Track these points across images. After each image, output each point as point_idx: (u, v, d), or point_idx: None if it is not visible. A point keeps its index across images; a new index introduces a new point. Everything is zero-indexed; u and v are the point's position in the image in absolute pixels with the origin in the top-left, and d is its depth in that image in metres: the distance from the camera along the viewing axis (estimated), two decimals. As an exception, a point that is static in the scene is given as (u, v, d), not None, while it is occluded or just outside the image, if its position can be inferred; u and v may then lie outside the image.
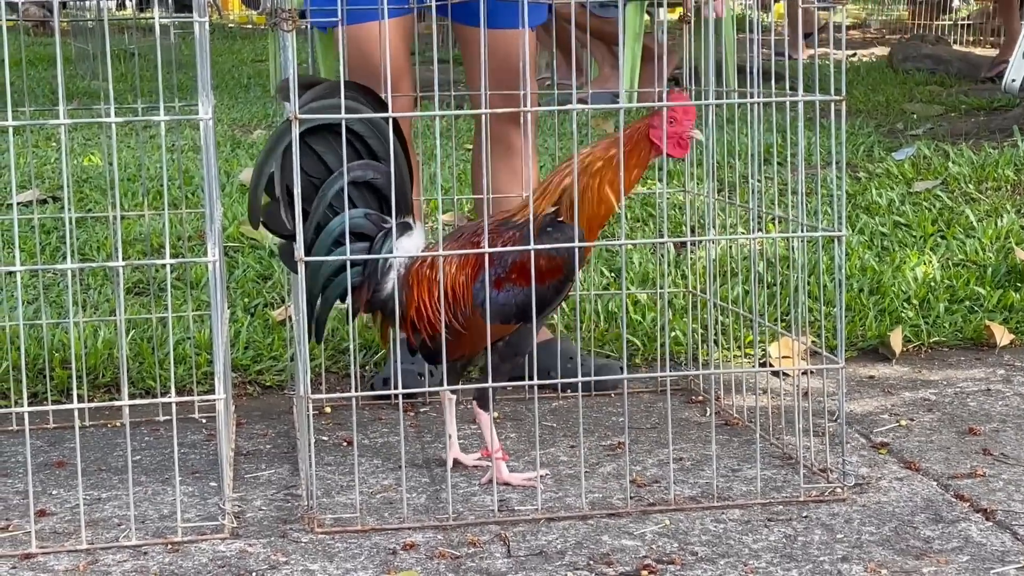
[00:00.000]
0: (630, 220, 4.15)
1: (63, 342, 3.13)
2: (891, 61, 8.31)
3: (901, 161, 4.90)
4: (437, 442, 2.72)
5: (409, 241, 2.44)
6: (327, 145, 2.36)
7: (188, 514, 2.34)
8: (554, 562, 2.14)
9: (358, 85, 2.40)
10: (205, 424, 2.89)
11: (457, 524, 2.30)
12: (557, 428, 2.84)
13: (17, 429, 2.84)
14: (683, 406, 2.99)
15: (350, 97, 2.30)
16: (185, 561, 2.16)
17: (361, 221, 2.40)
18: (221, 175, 4.74)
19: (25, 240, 3.86)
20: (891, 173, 4.75)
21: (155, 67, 2.20)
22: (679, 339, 3.30)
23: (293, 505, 2.41)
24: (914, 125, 6.04)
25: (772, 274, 3.39)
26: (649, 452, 2.67)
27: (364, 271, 2.42)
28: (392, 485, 2.50)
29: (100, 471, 2.61)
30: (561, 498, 2.41)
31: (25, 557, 2.18)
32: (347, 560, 2.16)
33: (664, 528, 2.27)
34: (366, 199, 2.41)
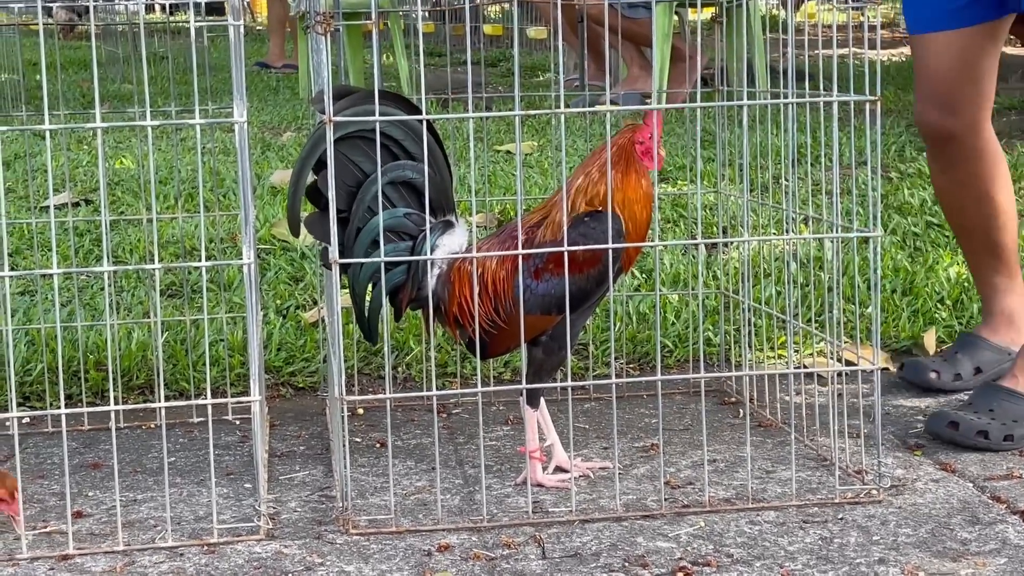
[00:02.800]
0: (660, 221, 4.14)
1: (97, 344, 3.15)
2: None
3: (933, 161, 4.87)
4: (470, 443, 2.72)
5: (452, 239, 2.44)
6: (362, 153, 2.36)
7: (223, 515, 2.35)
8: (589, 564, 2.14)
9: (390, 93, 2.41)
10: (239, 426, 2.90)
11: (491, 526, 2.30)
12: (589, 429, 2.84)
13: (53, 431, 2.86)
14: (716, 407, 2.98)
15: (383, 103, 2.31)
16: (221, 562, 2.17)
17: (402, 220, 2.41)
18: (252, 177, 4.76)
19: (59, 243, 3.88)
20: (923, 173, 4.72)
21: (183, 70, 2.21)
22: (711, 340, 3.29)
23: (328, 506, 2.41)
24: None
25: (804, 275, 3.38)
26: (682, 453, 2.66)
27: (408, 270, 2.42)
28: (426, 486, 2.50)
29: (135, 472, 2.63)
30: (595, 500, 2.41)
31: (63, 558, 2.19)
32: (382, 561, 2.16)
33: (699, 530, 2.26)
34: (407, 199, 2.42)
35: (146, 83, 2.15)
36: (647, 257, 3.83)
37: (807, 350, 3.23)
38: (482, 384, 2.95)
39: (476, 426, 2.79)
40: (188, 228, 4.06)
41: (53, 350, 3.07)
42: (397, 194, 2.41)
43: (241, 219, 2.28)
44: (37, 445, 2.80)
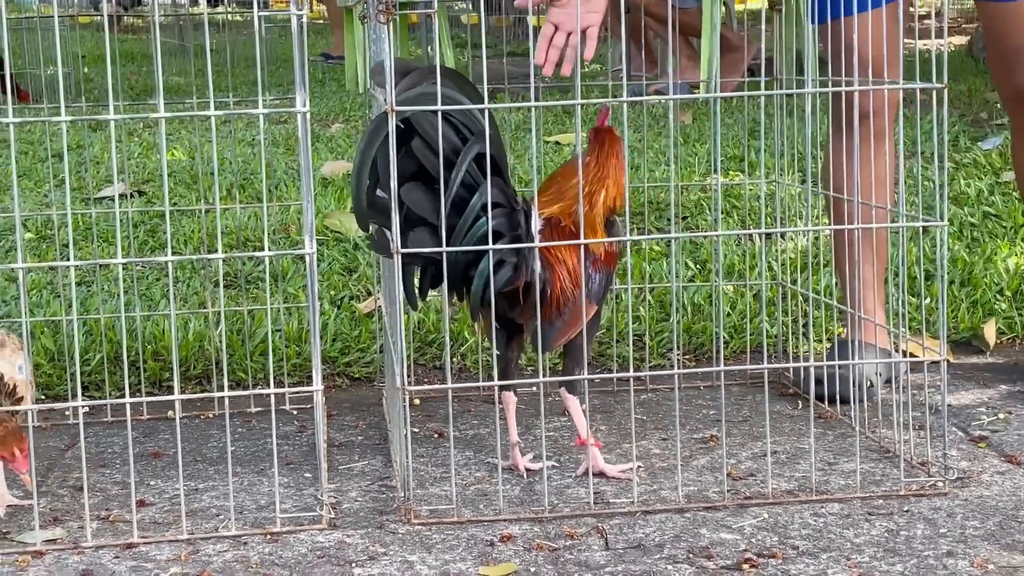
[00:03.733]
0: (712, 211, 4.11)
1: (155, 334, 3.17)
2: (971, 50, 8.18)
3: (989, 151, 4.82)
4: (528, 434, 2.71)
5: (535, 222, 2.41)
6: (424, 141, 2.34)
7: (285, 504, 2.35)
8: (653, 555, 2.13)
9: (450, 70, 2.37)
10: (296, 416, 2.91)
11: (553, 516, 2.29)
12: (647, 421, 2.82)
13: (113, 420, 2.87)
14: (774, 399, 2.96)
15: (443, 84, 2.28)
16: (285, 551, 2.17)
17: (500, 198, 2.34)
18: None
19: (113, 233, 3.91)
20: (978, 163, 4.67)
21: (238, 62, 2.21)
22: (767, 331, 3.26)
23: (388, 496, 2.41)
24: (999, 114, 5.94)
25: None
26: (742, 445, 2.64)
27: (517, 253, 2.35)
28: (485, 476, 2.50)
29: (196, 462, 2.64)
30: (656, 491, 2.40)
31: (127, 547, 2.20)
32: (445, 552, 2.16)
33: (763, 522, 2.25)
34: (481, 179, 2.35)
35: (209, 73, 2.16)
36: (700, 248, 3.81)
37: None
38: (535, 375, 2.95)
39: (532, 417, 2.79)
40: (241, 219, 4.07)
41: (111, 340, 3.09)
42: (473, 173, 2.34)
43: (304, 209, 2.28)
44: (97, 434, 2.82)
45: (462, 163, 2.30)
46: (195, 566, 2.12)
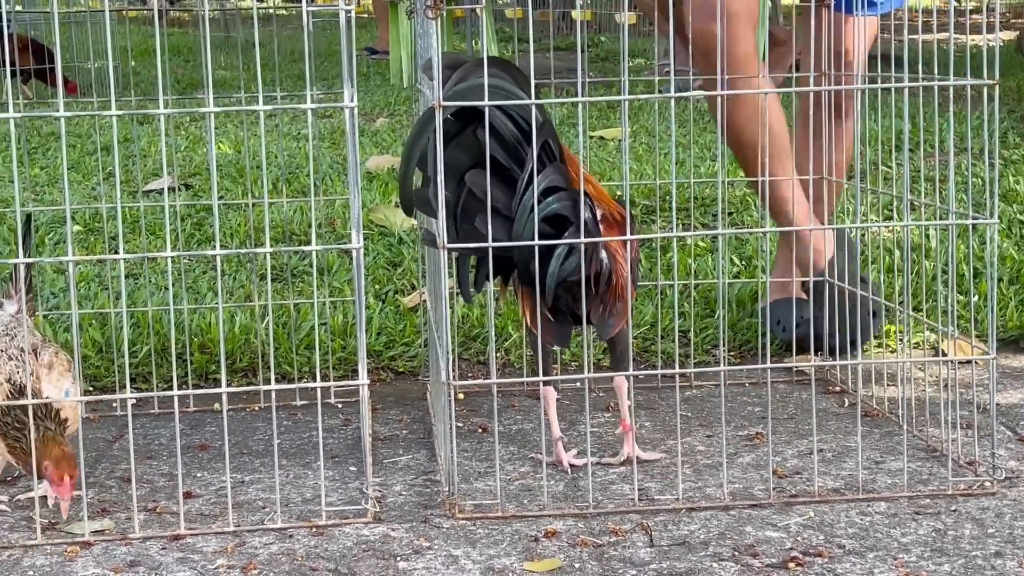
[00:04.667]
0: (758, 207, 4.09)
1: (201, 327, 3.19)
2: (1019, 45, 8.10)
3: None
4: (571, 430, 2.71)
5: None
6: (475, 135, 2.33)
7: (330, 498, 2.36)
8: (698, 552, 2.12)
9: (500, 61, 2.36)
10: (341, 409, 2.92)
11: (597, 512, 2.29)
12: (692, 417, 2.81)
13: (160, 412, 2.89)
14: (820, 396, 2.94)
15: (494, 75, 2.27)
16: (330, 544, 2.18)
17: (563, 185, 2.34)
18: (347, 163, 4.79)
19: (161, 227, 3.94)
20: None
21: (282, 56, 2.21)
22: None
23: (432, 490, 2.42)
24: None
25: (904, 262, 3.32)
26: (788, 443, 2.63)
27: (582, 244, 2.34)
28: (529, 472, 2.50)
29: (242, 454, 2.65)
30: (701, 488, 2.39)
31: (174, 538, 2.21)
32: (489, 546, 2.16)
33: (809, 520, 2.23)
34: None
35: (258, 68, 2.16)
36: (746, 244, 3.80)
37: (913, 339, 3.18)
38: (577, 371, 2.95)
39: (576, 412, 2.79)
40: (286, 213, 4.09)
41: (158, 332, 3.12)
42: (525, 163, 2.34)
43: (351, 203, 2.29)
44: (144, 426, 2.84)
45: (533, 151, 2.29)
46: (241, 558, 2.13)
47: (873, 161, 3.69)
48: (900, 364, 2.74)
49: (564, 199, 2.33)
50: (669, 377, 2.99)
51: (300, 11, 9.26)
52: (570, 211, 2.33)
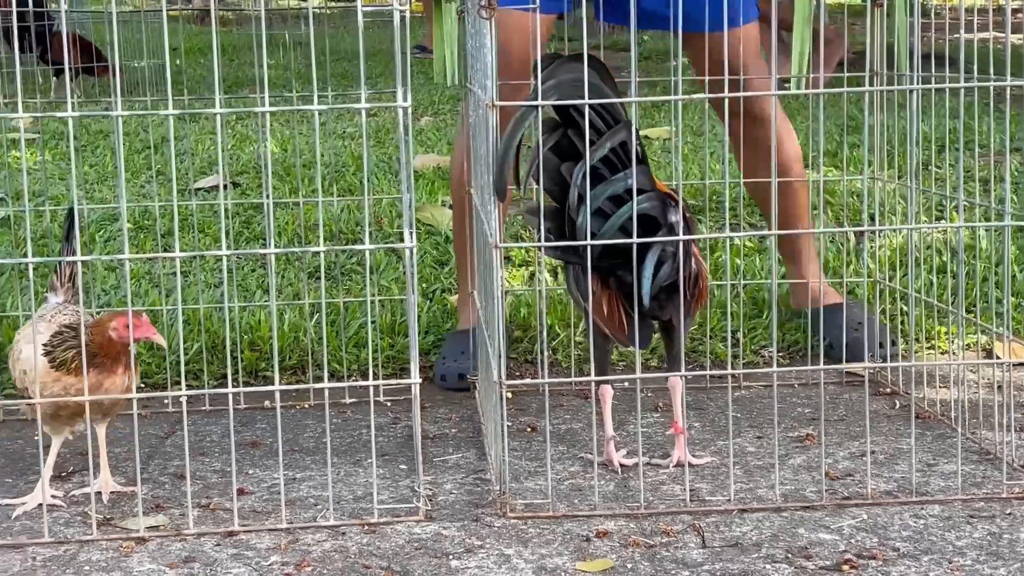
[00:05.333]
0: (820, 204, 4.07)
1: (251, 324, 3.21)
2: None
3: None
4: (620, 429, 2.70)
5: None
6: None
7: (381, 496, 2.37)
8: (751, 554, 2.11)
9: (590, 57, 2.32)
10: (390, 407, 2.93)
11: (648, 513, 2.28)
12: (741, 418, 2.80)
13: (210, 409, 2.91)
14: (871, 398, 2.92)
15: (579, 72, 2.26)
16: (382, 542, 2.19)
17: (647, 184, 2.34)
18: (393, 162, 4.80)
19: (209, 225, 3.96)
20: (1077, 160, 4.58)
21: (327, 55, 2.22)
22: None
23: (483, 489, 2.42)
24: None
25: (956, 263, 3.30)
26: (839, 444, 2.61)
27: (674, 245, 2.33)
28: (579, 471, 2.50)
29: (292, 452, 2.66)
30: (752, 489, 2.38)
31: (228, 535, 2.23)
32: (541, 546, 2.16)
33: (862, 523, 2.22)
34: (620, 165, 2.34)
35: (313, 68, 2.17)
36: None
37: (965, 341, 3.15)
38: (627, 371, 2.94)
39: (624, 412, 2.78)
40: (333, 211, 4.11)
41: (209, 330, 3.14)
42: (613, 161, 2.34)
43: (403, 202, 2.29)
44: (195, 423, 2.85)
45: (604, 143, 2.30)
46: (295, 555, 2.14)
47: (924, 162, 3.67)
48: (952, 366, 2.72)
49: (654, 199, 2.32)
50: (717, 378, 2.98)
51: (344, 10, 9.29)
52: (659, 212, 2.32)
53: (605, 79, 2.34)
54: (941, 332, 3.12)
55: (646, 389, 2.97)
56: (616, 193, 2.30)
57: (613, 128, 2.32)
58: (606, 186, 2.30)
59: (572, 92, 2.27)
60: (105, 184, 4.65)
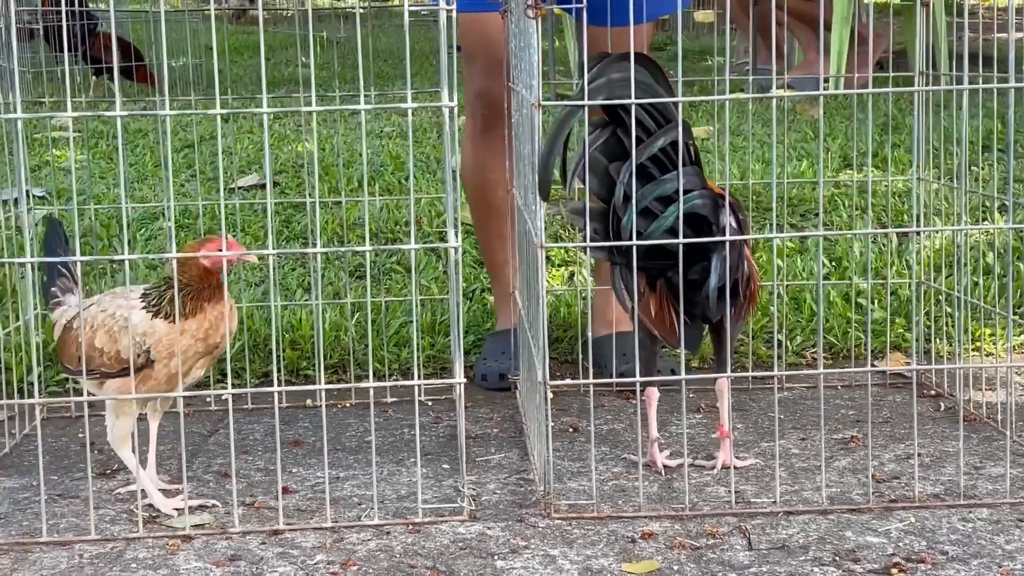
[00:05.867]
0: (847, 207, 4.06)
1: (292, 323, 3.21)
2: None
3: None
4: (663, 430, 2.69)
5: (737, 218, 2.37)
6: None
7: (425, 495, 2.36)
8: (798, 556, 2.10)
9: (641, 56, 2.30)
10: (431, 407, 2.93)
11: (693, 514, 2.27)
12: (785, 420, 2.79)
13: (253, 408, 2.92)
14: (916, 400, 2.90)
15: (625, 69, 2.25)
16: (427, 542, 2.19)
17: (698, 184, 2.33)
18: (431, 161, 4.80)
19: (249, 224, 3.98)
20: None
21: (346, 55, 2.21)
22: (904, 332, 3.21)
23: (526, 489, 2.42)
24: None
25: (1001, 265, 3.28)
26: (884, 447, 2.60)
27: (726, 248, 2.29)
28: (622, 472, 2.49)
29: (335, 450, 2.67)
30: (797, 491, 2.37)
31: (273, 533, 2.23)
32: (586, 547, 2.16)
33: (910, 526, 2.21)
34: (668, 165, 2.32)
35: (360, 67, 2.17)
36: (835, 245, 3.76)
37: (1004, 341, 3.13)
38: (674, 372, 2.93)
39: (666, 413, 2.77)
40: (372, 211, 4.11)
41: (250, 328, 3.15)
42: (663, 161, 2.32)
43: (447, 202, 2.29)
44: (238, 421, 2.86)
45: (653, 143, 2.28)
46: (340, 554, 2.15)
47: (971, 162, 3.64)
48: (998, 368, 2.70)
49: (705, 199, 2.30)
50: (759, 379, 2.97)
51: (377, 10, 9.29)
52: (710, 212, 2.30)
53: (658, 78, 2.31)
54: (987, 334, 3.09)
55: (688, 390, 2.96)
56: (665, 193, 2.28)
57: (664, 127, 2.30)
58: (655, 186, 2.29)
59: (622, 91, 2.25)
60: (145, 183, 4.67)
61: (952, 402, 2.83)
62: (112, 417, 2.32)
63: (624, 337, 2.98)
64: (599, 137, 2.34)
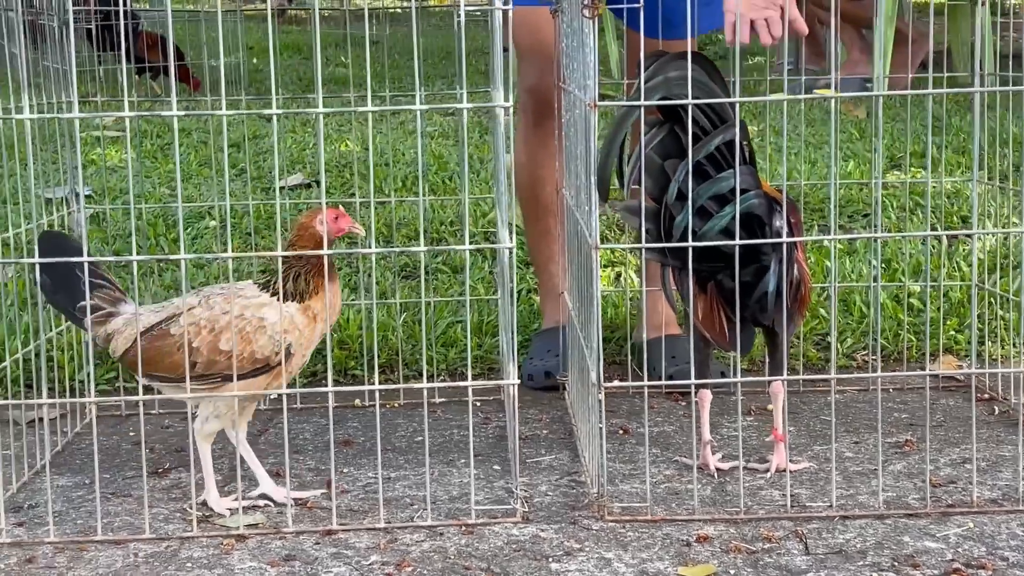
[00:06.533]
0: (895, 208, 4.02)
1: (339, 323, 3.21)
2: None
3: None
4: (714, 433, 2.67)
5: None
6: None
7: (477, 496, 2.36)
8: (856, 561, 2.08)
9: (696, 55, 2.29)
10: (480, 407, 2.92)
11: (748, 518, 2.26)
12: (837, 423, 2.76)
13: (301, 407, 2.92)
14: (967, 404, 2.87)
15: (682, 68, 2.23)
16: (481, 544, 2.18)
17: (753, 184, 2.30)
18: (474, 161, 4.80)
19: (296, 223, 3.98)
20: None
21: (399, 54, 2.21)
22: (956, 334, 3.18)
23: (578, 491, 2.41)
24: None
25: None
26: (939, 451, 2.57)
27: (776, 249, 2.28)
28: (675, 475, 2.48)
29: (385, 451, 2.66)
30: (853, 495, 2.35)
31: (327, 533, 2.23)
32: (641, 550, 2.15)
33: (968, 531, 2.18)
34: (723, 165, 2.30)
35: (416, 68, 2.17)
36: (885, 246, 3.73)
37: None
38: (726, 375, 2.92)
39: (716, 415, 2.75)
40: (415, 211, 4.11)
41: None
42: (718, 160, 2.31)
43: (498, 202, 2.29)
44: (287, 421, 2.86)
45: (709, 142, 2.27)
46: (394, 555, 2.14)
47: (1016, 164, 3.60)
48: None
49: (760, 199, 2.28)
50: (811, 381, 2.95)
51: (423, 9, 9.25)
52: (765, 212, 2.28)
53: (714, 77, 2.30)
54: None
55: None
56: (720, 192, 2.27)
57: (720, 127, 2.28)
58: (710, 184, 2.27)
59: (680, 90, 2.24)
60: (190, 182, 4.68)
61: (1006, 406, 2.80)
62: (210, 414, 2.29)
63: (673, 340, 2.97)
64: (655, 136, 2.32)
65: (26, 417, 2.72)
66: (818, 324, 3.26)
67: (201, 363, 2.23)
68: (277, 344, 2.22)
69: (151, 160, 5.05)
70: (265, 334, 2.22)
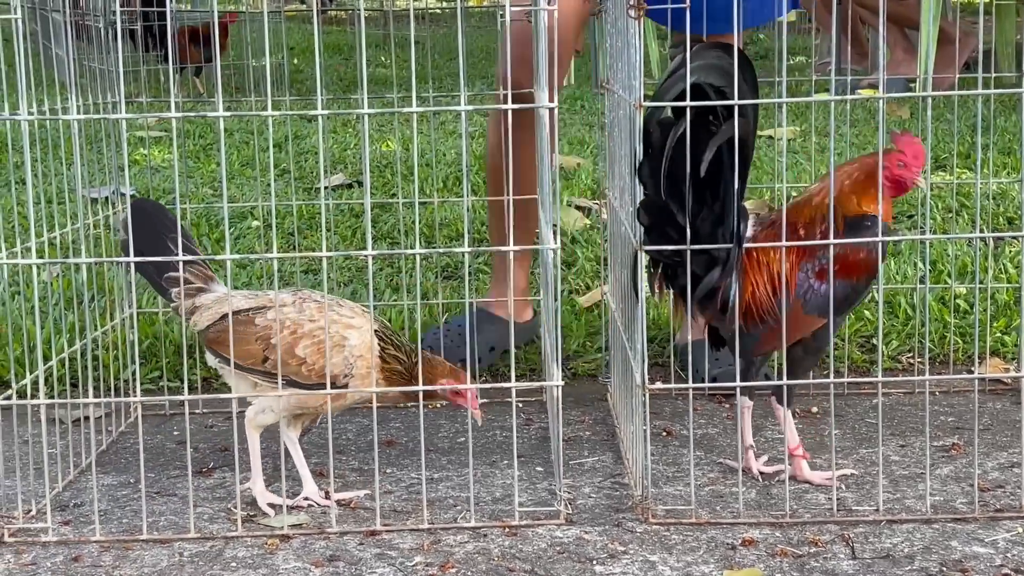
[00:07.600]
0: (941, 210, 3.99)
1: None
2: None
3: None
4: (757, 435, 2.66)
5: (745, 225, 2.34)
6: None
7: (520, 498, 2.35)
8: (903, 566, 2.06)
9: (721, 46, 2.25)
10: (522, 408, 2.92)
11: (794, 522, 2.24)
12: (883, 426, 2.74)
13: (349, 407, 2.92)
14: (1014, 408, 2.84)
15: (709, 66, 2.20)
16: (525, 545, 2.18)
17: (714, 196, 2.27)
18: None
19: (338, 223, 3.99)
20: None
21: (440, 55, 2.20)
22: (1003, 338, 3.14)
23: (621, 493, 2.40)
24: None
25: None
26: (986, 454, 2.54)
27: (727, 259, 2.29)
28: (719, 478, 2.46)
29: (428, 451, 2.66)
30: (899, 499, 2.33)
31: (370, 534, 2.23)
32: (686, 553, 2.13)
33: (1017, 536, 2.16)
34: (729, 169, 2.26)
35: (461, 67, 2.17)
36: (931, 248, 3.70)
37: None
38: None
39: (760, 418, 2.74)
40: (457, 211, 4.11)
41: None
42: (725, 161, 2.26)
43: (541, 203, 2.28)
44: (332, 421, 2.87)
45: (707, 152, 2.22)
46: (438, 556, 2.14)
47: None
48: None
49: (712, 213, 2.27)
50: (855, 384, 2.92)
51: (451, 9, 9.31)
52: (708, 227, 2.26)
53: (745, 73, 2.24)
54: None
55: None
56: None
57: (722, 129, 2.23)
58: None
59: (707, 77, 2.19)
60: (232, 182, 4.70)
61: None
62: (267, 407, 2.30)
63: None
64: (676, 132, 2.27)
65: (72, 416, 2.74)
66: (863, 326, 3.23)
67: (272, 360, 2.23)
68: (350, 367, 2.23)
69: (193, 160, 5.08)
70: (341, 353, 2.23)
